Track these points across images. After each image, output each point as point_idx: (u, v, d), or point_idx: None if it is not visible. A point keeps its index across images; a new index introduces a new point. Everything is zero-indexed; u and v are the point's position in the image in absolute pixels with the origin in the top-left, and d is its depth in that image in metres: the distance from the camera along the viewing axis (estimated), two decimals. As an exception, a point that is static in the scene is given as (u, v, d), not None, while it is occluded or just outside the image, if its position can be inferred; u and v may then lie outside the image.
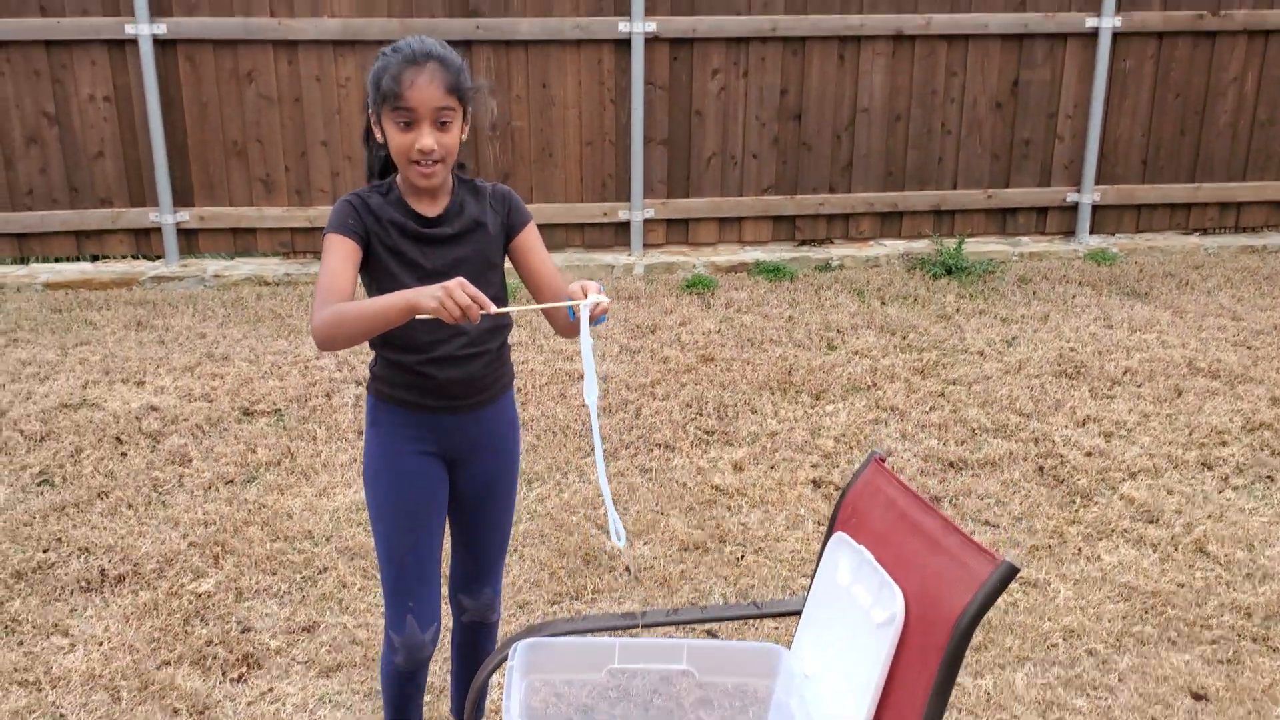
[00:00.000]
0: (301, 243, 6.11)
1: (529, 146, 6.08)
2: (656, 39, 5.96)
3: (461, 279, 1.78)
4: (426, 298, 1.78)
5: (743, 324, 5.26)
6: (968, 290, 5.82)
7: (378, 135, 2.05)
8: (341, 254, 1.99)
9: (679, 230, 6.30)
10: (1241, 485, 3.78)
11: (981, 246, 6.38)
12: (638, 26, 5.89)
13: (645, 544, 3.44)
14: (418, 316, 1.80)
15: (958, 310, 5.53)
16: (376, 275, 2.07)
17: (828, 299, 5.64)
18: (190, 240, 6.05)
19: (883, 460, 1.89)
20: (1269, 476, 3.82)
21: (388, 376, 2.15)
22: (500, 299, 2.12)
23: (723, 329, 5.21)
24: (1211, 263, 6.25)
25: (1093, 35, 6.23)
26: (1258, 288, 5.82)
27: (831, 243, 6.48)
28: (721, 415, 4.32)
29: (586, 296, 1.91)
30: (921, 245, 6.38)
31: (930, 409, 4.38)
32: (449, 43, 5.96)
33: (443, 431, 2.17)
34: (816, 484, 3.81)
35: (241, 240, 6.08)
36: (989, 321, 5.37)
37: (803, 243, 6.47)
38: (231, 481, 3.82)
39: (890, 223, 6.49)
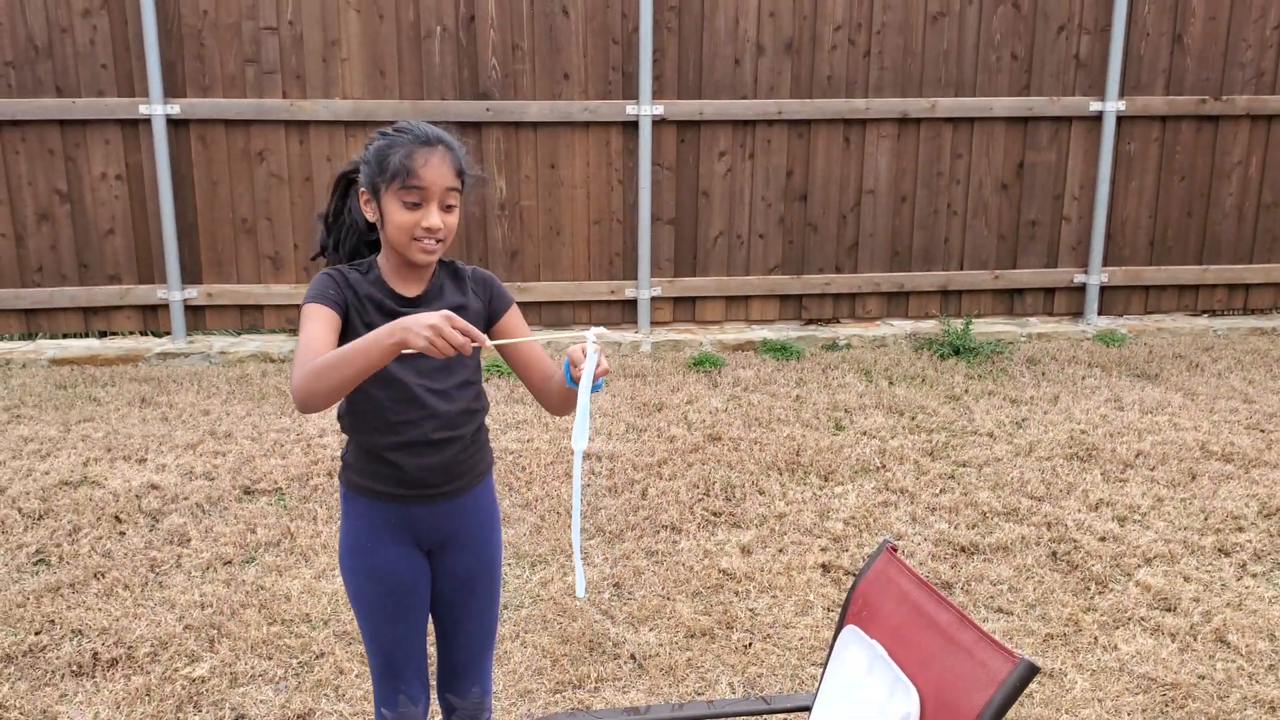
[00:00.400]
0: (308, 320, 6.10)
1: (537, 225, 6.11)
2: (664, 121, 6.02)
3: (448, 311, 1.73)
4: (414, 335, 1.70)
5: (750, 403, 5.22)
6: (976, 371, 5.79)
7: (368, 213, 2.04)
8: (321, 321, 1.94)
9: (686, 308, 6.30)
10: (1260, 573, 3.69)
11: (989, 327, 6.37)
12: (645, 110, 5.96)
13: (651, 630, 3.36)
14: (404, 351, 1.73)
15: (966, 391, 5.49)
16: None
17: (835, 378, 5.61)
18: (197, 317, 6.06)
19: (894, 549, 1.83)
20: (1288, 563, 3.74)
21: (358, 464, 2.10)
22: (476, 383, 2.10)
23: (730, 408, 5.16)
24: (1221, 344, 6.21)
25: (1097, 119, 6.29)
26: (1268, 370, 5.78)
27: (838, 322, 6.47)
28: (729, 496, 4.26)
29: (585, 357, 1.84)
30: (928, 325, 6.37)
31: (940, 491, 4.32)
32: (460, 124, 6.04)
33: (416, 521, 2.11)
34: (826, 568, 3.74)
35: (249, 316, 6.09)
36: (998, 403, 5.32)
37: (809, 322, 6.46)
38: (230, 562, 3.75)
39: (896, 303, 6.49)
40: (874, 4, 6.06)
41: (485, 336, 1.74)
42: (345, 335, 2.00)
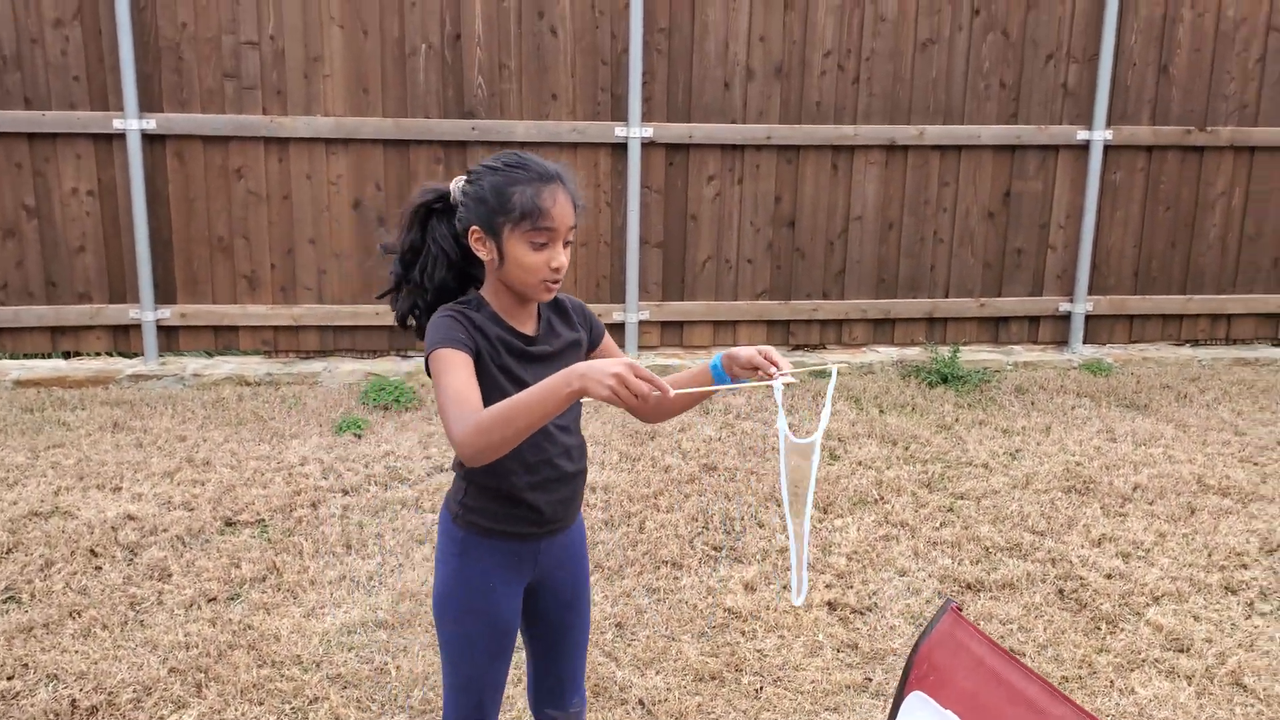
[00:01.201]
0: (284, 341, 5.95)
1: (521, 247, 6.00)
2: (653, 144, 5.94)
3: (630, 360, 1.71)
4: (597, 384, 1.68)
5: (743, 431, 5.14)
6: (965, 399, 5.74)
7: (482, 252, 1.98)
8: (463, 367, 1.89)
9: (673, 333, 6.21)
10: (1268, 611, 3.65)
11: (974, 355, 6.34)
12: (634, 131, 5.87)
13: (657, 673, 3.24)
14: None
15: (957, 420, 5.44)
16: (483, 393, 1.93)
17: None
18: (170, 338, 5.88)
19: (959, 610, 1.74)
20: (1296, 602, 3.70)
21: (486, 508, 2.06)
22: (578, 412, 2.12)
23: (724, 436, 5.07)
24: (1207, 375, 6.22)
25: (1084, 148, 6.29)
26: (1255, 401, 5.79)
27: (825, 348, 6.41)
28: (729, 529, 4.16)
29: (773, 369, 1.96)
30: (914, 352, 6.33)
31: (940, 525, 4.25)
32: (444, 144, 5.91)
33: (537, 557, 2.14)
34: (832, 606, 3.65)
35: (223, 338, 5.92)
36: (990, 433, 5.28)
37: (796, 347, 6.39)
38: (214, 599, 3.59)
39: (882, 329, 6.44)
40: (864, 30, 6.03)
41: (668, 386, 1.69)
42: (478, 378, 1.95)
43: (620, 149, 5.92)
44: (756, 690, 3.17)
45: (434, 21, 5.71)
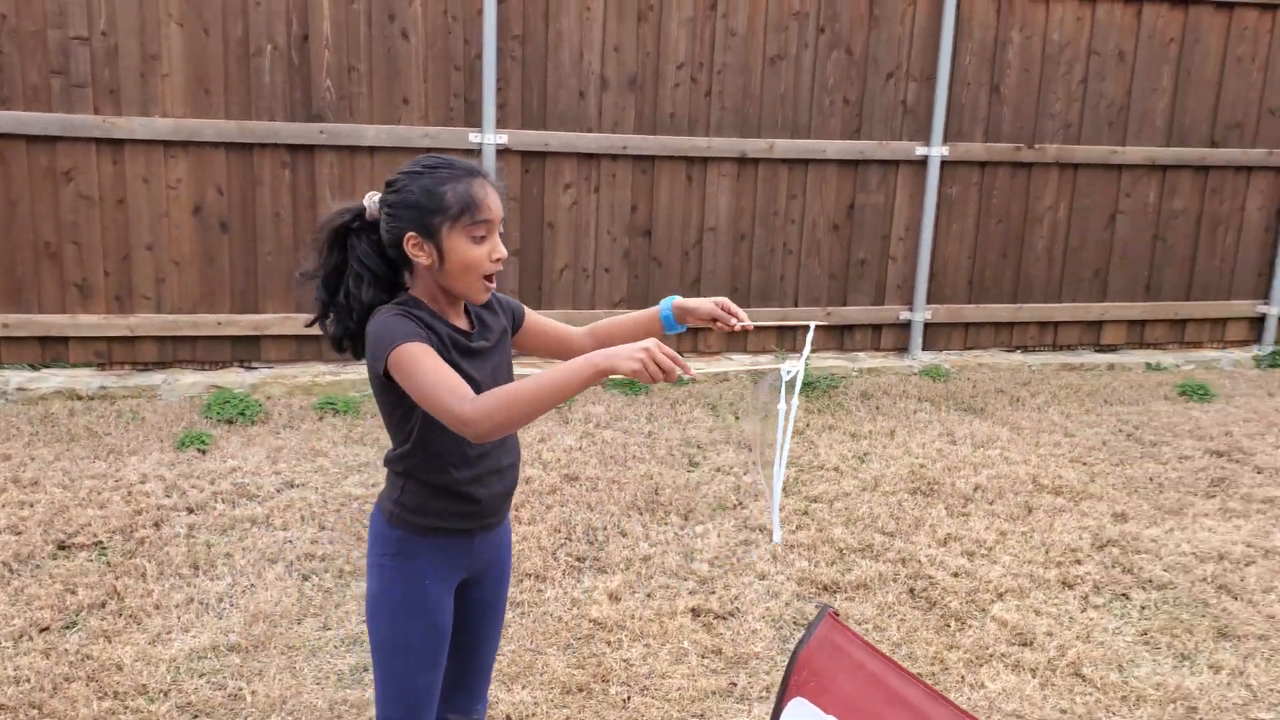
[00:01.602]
0: (120, 353, 5.64)
1: (373, 255, 5.86)
2: (508, 151, 5.89)
3: (656, 340, 1.77)
4: (623, 360, 1.77)
5: (604, 440, 5.15)
6: (815, 405, 5.90)
7: (421, 257, 1.97)
8: (434, 353, 1.90)
9: (519, 351, 6.16)
10: (1102, 604, 3.88)
11: (822, 362, 6.52)
12: (489, 138, 5.82)
13: (524, 688, 3.22)
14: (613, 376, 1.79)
15: (808, 425, 5.59)
16: None
17: (684, 414, 5.60)
18: (-10, 349, 5.50)
19: (836, 615, 1.79)
20: (1124, 594, 3.94)
21: (425, 505, 2.06)
22: None
23: (584, 445, 5.07)
24: (1037, 379, 6.58)
25: (922, 163, 6.56)
26: (1082, 404, 6.15)
27: (682, 356, 6.48)
28: (592, 540, 4.16)
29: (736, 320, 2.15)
30: (766, 359, 6.46)
31: (797, 528, 4.35)
32: (290, 147, 5.74)
33: (473, 554, 2.15)
34: (696, 613, 3.69)
35: (51, 350, 5.57)
36: (840, 437, 5.44)
37: (651, 356, 6.44)
38: (47, 629, 3.38)
39: (736, 337, 6.56)
40: (715, 44, 6.13)
41: (689, 366, 1.80)
42: None
43: (475, 155, 5.85)
44: (624, 700, 3.18)
45: (280, 22, 5.53)
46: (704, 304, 2.20)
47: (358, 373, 5.80)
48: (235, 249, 5.70)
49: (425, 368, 1.87)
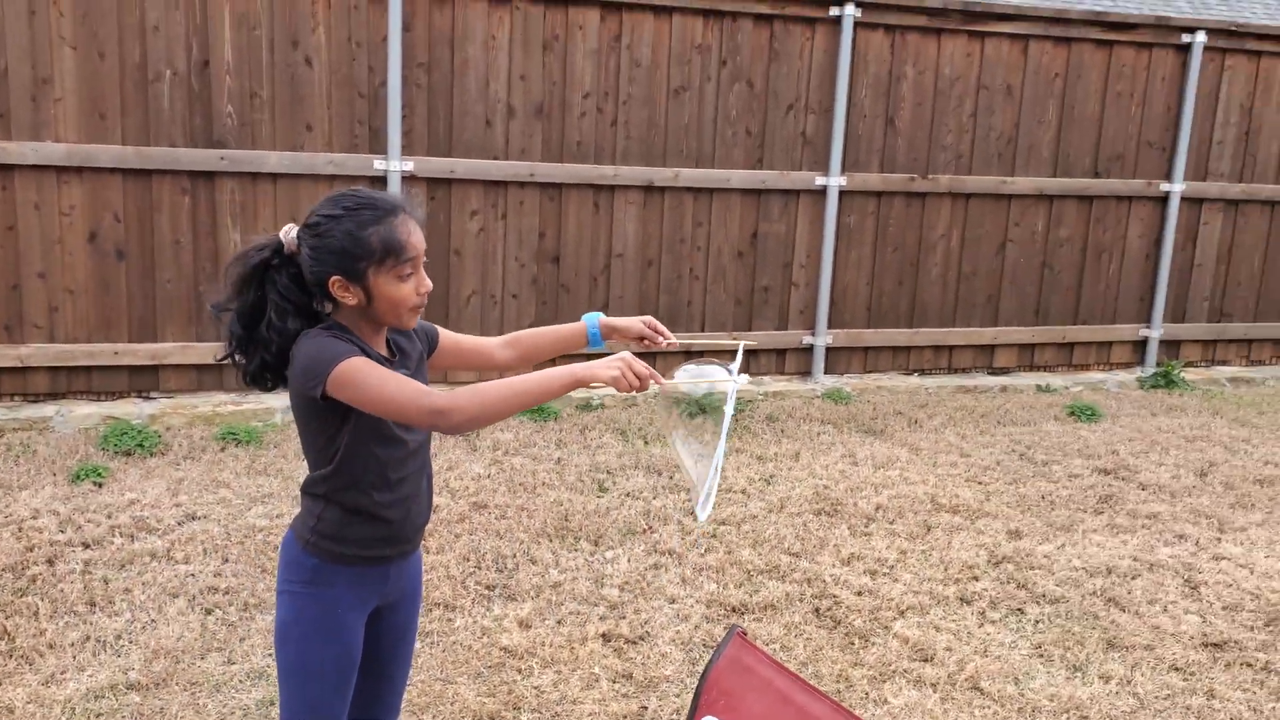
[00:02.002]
0: (9, 384, 5.46)
1: (276, 283, 5.78)
2: (414, 178, 5.89)
3: (629, 354, 1.90)
4: (603, 370, 1.91)
5: (513, 467, 5.15)
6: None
7: (348, 298, 1.99)
8: (376, 364, 1.93)
9: (438, 370, 6.14)
10: (998, 619, 4.02)
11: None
12: (394, 165, 5.81)
13: (432, 718, 3.20)
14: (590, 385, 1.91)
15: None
16: (346, 412, 1.98)
17: (593, 439, 5.64)
18: None
19: (744, 634, 1.84)
20: (1019, 609, 4.09)
21: (342, 531, 2.06)
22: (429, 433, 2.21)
23: (492, 473, 5.07)
24: (934, 402, 6.78)
25: (822, 193, 6.74)
26: (976, 425, 6.35)
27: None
28: (501, 567, 4.16)
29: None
30: (716, 371, 6.54)
31: (706, 551, 4.42)
32: (191, 174, 5.64)
33: (388, 582, 2.16)
34: (606, 638, 3.72)
35: (-66, 381, 5.37)
36: (747, 460, 5.53)
37: (560, 383, 6.48)
38: (-65, 672, 3.25)
39: (644, 362, 6.62)
40: (620, 75, 6.23)
41: (660, 377, 1.93)
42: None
43: (380, 182, 5.83)
44: (537, 727, 3.19)
45: (179, 47, 5.45)
46: (632, 323, 2.32)
47: (259, 402, 5.71)
48: (133, 277, 5.57)
49: (377, 375, 1.90)
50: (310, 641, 2.08)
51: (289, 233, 2.05)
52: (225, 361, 2.11)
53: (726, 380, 2.12)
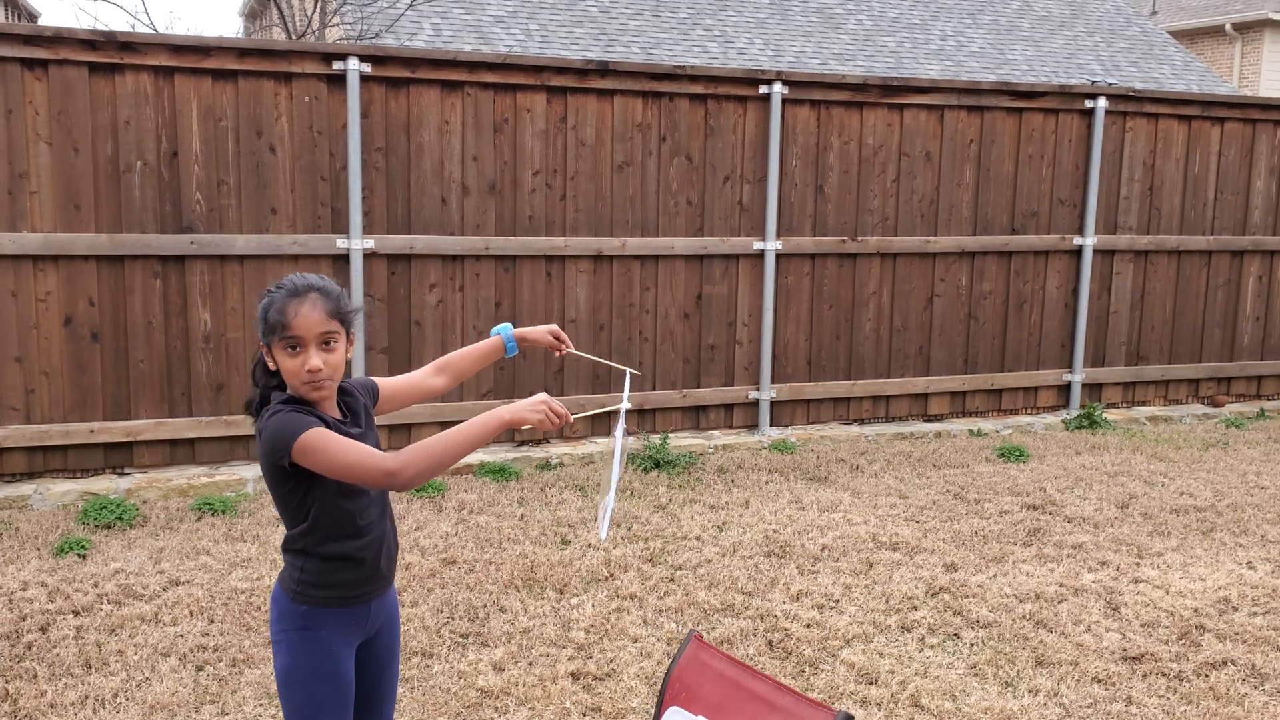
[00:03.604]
0: (-14, 465, 5.66)
1: (244, 357, 6.06)
2: (375, 255, 6.22)
3: (544, 395, 2.20)
4: (529, 413, 2.19)
5: (479, 524, 5.43)
6: (676, 481, 6.33)
7: (270, 364, 2.29)
8: (334, 434, 2.20)
9: (401, 436, 6.43)
10: (936, 644, 4.36)
11: (681, 440, 6.97)
12: (356, 244, 6.14)
13: (421, 752, 3.46)
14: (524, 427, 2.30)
15: (671, 500, 5.99)
16: (313, 475, 2.24)
17: (554, 495, 5.94)
18: None
19: (701, 637, 2.16)
20: (955, 634, 4.43)
21: (324, 578, 2.33)
22: None
23: (460, 531, 5.34)
24: (873, 449, 7.17)
25: (760, 256, 7.17)
26: (913, 469, 6.75)
27: (548, 442, 6.84)
28: (473, 617, 4.43)
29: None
30: (629, 441, 6.88)
31: (665, 594, 4.72)
32: (162, 258, 5.95)
33: (368, 616, 2.42)
34: (575, 676, 4.00)
35: (-87, 465, 5.54)
36: (700, 509, 5.86)
37: (521, 443, 6.78)
38: (-55, 734, 3.45)
39: (599, 422, 6.96)
40: (567, 153, 6.63)
41: (568, 413, 2.22)
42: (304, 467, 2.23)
43: (343, 260, 6.16)
44: (515, 757, 3.45)
45: (149, 139, 5.76)
46: (540, 334, 2.71)
47: (232, 474, 5.94)
48: (107, 357, 5.82)
49: (335, 444, 2.19)
50: (313, 682, 2.34)
51: None
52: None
53: (617, 406, 2.46)
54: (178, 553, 4.97)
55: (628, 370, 2.76)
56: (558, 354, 2.73)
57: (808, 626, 4.43)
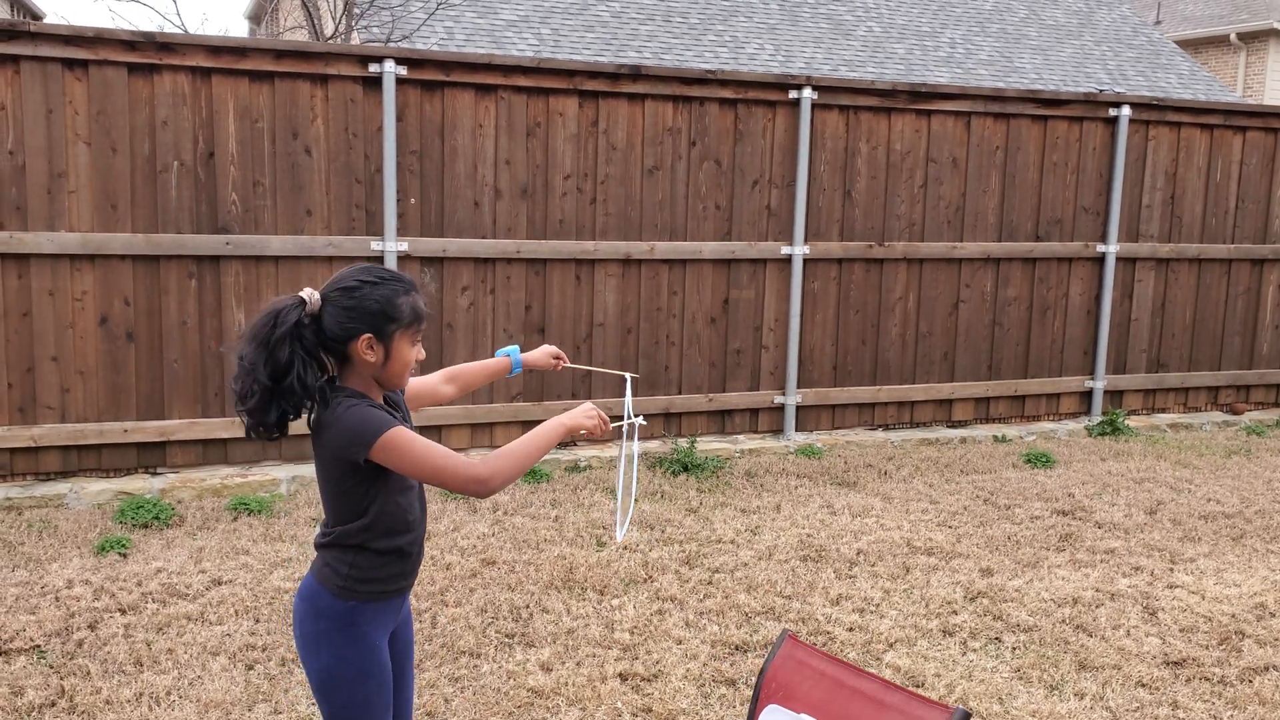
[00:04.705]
0: (22, 463, 5.67)
1: (278, 359, 6.06)
2: (408, 257, 6.24)
3: (592, 404, 2.37)
4: (584, 419, 2.39)
5: (515, 526, 5.44)
6: (705, 485, 6.34)
7: (371, 356, 2.29)
8: (415, 433, 2.28)
9: (433, 436, 6.41)
10: (979, 647, 4.37)
11: (707, 445, 6.99)
12: (390, 246, 6.15)
13: (478, 751, 3.47)
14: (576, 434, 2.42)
15: (702, 504, 6.01)
16: (380, 471, 2.28)
17: (585, 497, 5.95)
18: (-114, 465, 5.46)
19: (795, 636, 2.18)
20: (997, 638, 4.45)
21: (375, 573, 2.37)
22: None
23: (496, 532, 5.36)
24: (900, 454, 7.19)
25: (787, 261, 7.19)
26: (941, 474, 6.77)
27: (576, 445, 6.85)
28: (517, 617, 4.44)
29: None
30: (655, 445, 6.89)
31: (705, 597, 4.73)
32: (197, 258, 5.94)
33: (404, 606, 2.50)
34: (623, 677, 4.01)
35: (-51, 463, 5.55)
36: (732, 513, 5.88)
37: (548, 447, 6.79)
38: (4, 730, 3.46)
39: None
40: (598, 157, 6.66)
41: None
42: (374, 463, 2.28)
43: (377, 262, 6.17)
44: (572, 756, 3.46)
45: (186, 140, 5.78)
46: (541, 355, 2.90)
47: (264, 473, 5.95)
48: (141, 357, 5.83)
49: (419, 445, 2.22)
50: (362, 680, 2.34)
51: (313, 296, 2.30)
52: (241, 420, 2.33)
53: (632, 420, 2.61)
54: (218, 552, 4.98)
55: (627, 375, 2.90)
56: (557, 369, 2.94)
57: (850, 630, 4.45)
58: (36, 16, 36.39)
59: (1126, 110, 7.93)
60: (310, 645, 2.35)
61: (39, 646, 4.01)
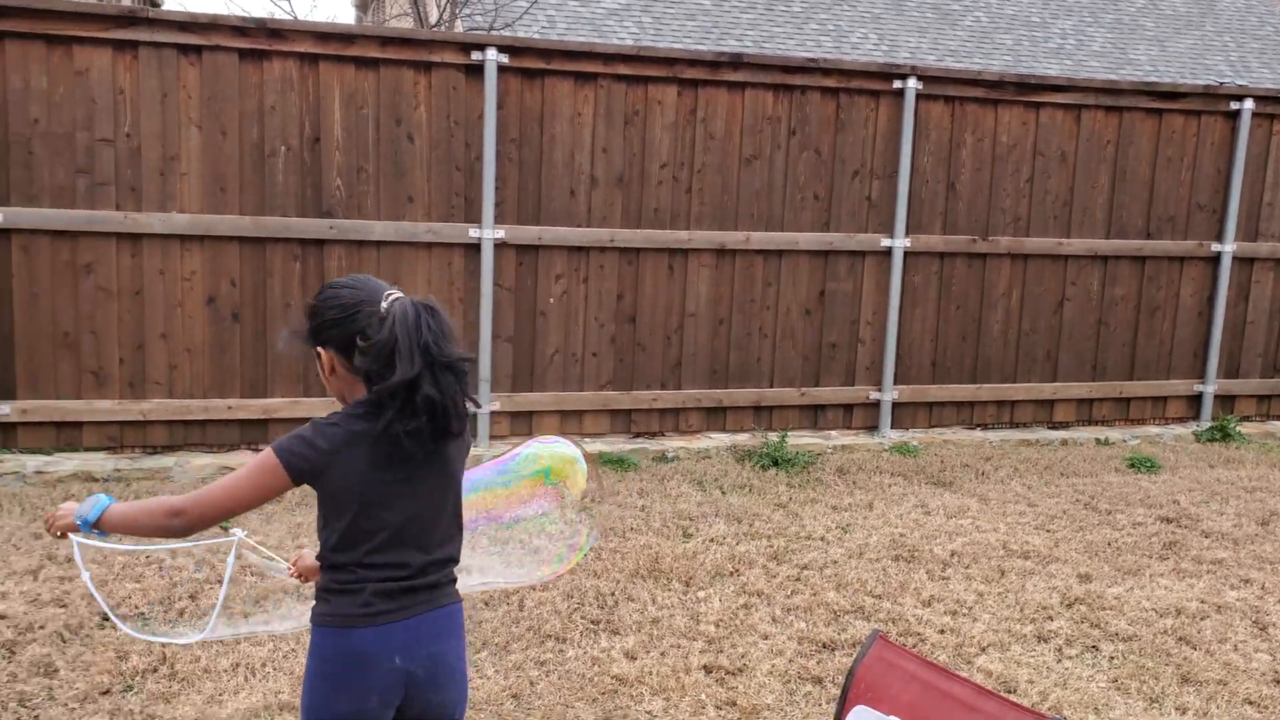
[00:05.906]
0: (131, 437, 5.87)
1: (376, 342, 6.17)
2: (505, 245, 6.29)
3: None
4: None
5: (601, 513, 5.46)
6: (795, 480, 6.27)
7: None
8: None
9: (523, 422, 6.50)
10: (1075, 655, 4.24)
11: (798, 439, 6.91)
12: (488, 233, 6.21)
13: (561, 737, 3.48)
14: None
15: (791, 499, 5.94)
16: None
17: (673, 488, 5.94)
18: (7, 435, 5.70)
19: (886, 637, 2.13)
20: (1094, 646, 4.31)
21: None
22: None
23: (582, 519, 5.37)
24: (998, 455, 7.02)
25: (887, 253, 7.06)
26: (1040, 477, 6.58)
27: (664, 435, 6.84)
28: (602, 604, 4.45)
29: None
30: (744, 438, 6.85)
31: (792, 593, 4.68)
32: (302, 241, 6.02)
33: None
34: (708, 669, 3.98)
35: (65, 435, 5.78)
36: (822, 510, 5.80)
37: (638, 435, 6.80)
38: (108, 692, 3.59)
39: (715, 417, 6.94)
40: (695, 145, 6.62)
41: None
42: None
43: (474, 249, 6.24)
44: (654, 746, 3.46)
45: (294, 125, 5.91)
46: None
47: (361, 454, 6.07)
48: (246, 337, 5.99)
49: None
50: None
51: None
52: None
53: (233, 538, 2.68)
54: (312, 529, 5.08)
55: (238, 532, 2.80)
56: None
57: (941, 632, 4.35)
58: (155, 3, 37.72)
59: (1249, 104, 7.59)
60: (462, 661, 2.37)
61: (143, 614, 4.15)
